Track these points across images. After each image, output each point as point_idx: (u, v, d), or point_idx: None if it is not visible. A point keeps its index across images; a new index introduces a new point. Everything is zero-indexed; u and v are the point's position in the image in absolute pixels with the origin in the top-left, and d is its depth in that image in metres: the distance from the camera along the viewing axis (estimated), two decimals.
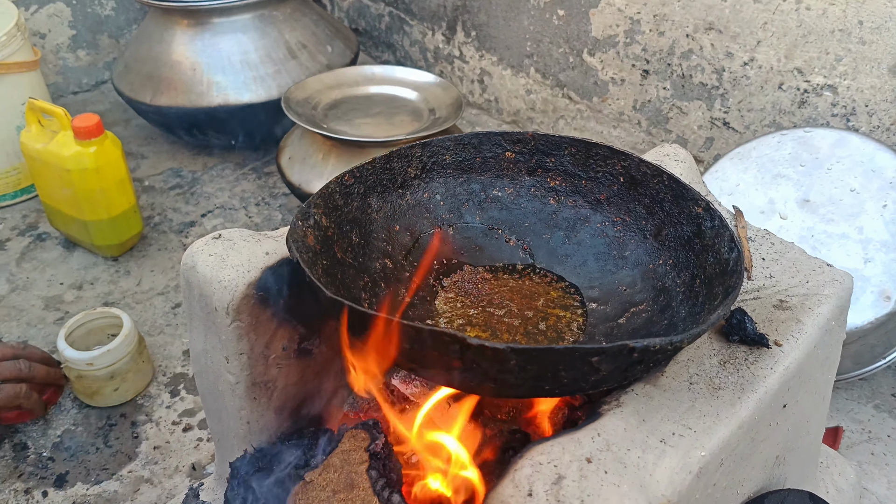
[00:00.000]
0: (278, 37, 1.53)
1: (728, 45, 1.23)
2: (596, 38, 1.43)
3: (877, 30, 1.05)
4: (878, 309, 0.93)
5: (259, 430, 0.70)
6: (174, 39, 1.50)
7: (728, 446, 0.53)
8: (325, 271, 0.62)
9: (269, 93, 1.48)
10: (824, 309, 0.63)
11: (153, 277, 1.32)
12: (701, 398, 0.55)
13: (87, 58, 1.89)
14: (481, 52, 1.69)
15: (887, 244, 0.94)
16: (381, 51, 2.00)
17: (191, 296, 0.65)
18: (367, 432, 0.65)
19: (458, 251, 0.74)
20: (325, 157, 1.31)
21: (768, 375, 0.57)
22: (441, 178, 0.75)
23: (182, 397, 1.09)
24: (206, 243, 0.64)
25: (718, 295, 0.58)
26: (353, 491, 0.62)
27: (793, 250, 0.69)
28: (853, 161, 1.00)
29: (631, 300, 0.67)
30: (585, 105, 1.52)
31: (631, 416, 0.52)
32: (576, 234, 0.74)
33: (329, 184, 0.68)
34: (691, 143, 1.36)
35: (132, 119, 1.77)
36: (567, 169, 0.74)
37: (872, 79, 1.08)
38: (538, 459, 0.48)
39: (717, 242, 0.62)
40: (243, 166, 1.60)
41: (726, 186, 1.07)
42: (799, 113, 1.19)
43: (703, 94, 1.30)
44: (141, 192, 1.53)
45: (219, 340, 0.65)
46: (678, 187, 0.67)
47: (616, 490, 0.46)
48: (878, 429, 1.03)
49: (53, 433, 1.04)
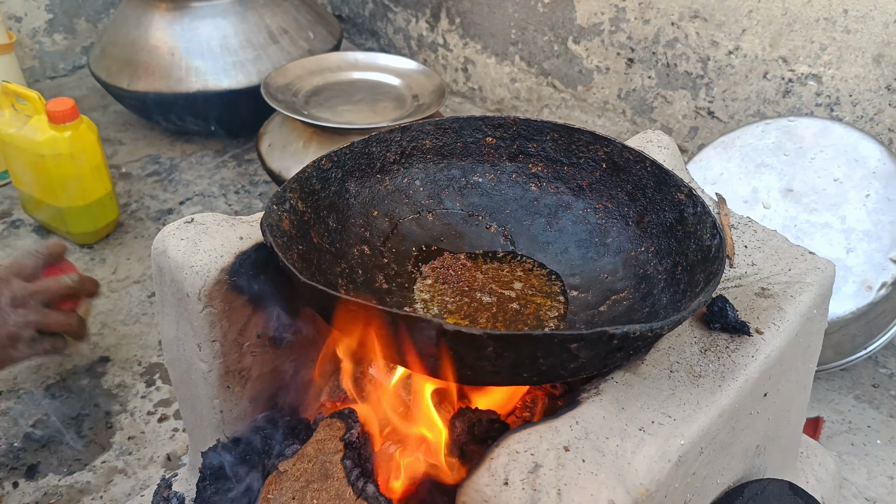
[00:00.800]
0: (259, 21, 1.51)
1: (713, 33, 1.22)
2: (581, 26, 1.41)
3: (861, 19, 1.05)
4: (860, 299, 0.92)
5: (233, 420, 0.69)
6: (152, 23, 1.47)
7: (708, 434, 0.52)
8: (301, 256, 0.60)
9: (250, 78, 1.46)
10: (806, 297, 0.62)
11: (129, 266, 1.29)
12: (681, 386, 0.54)
13: (64, 42, 1.85)
14: (465, 39, 1.67)
15: (870, 234, 0.94)
16: (365, 38, 1.97)
17: (162, 281, 0.63)
18: (343, 421, 0.63)
19: (437, 237, 0.72)
20: (305, 144, 1.29)
21: (749, 363, 0.56)
22: (421, 163, 0.74)
23: (158, 387, 1.07)
24: (178, 227, 0.63)
25: (700, 282, 0.57)
26: (328, 481, 0.60)
27: (775, 238, 0.69)
28: (836, 150, 1.00)
29: (612, 288, 0.66)
30: (570, 94, 1.51)
31: (610, 404, 0.51)
32: (557, 221, 0.73)
33: (306, 168, 0.66)
34: (676, 133, 1.36)
35: (110, 105, 1.74)
36: (549, 155, 0.73)
37: (857, 68, 1.08)
38: (515, 448, 0.47)
39: (700, 229, 0.61)
40: (223, 153, 1.58)
41: (710, 175, 1.06)
42: (783, 102, 1.18)
43: (688, 83, 1.29)
44: (118, 178, 1.50)
45: (191, 327, 0.63)
46: (661, 173, 0.66)
47: (593, 479, 0.45)
48: (858, 419, 1.03)
49: (25, 423, 1.01)
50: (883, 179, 0.96)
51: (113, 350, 1.13)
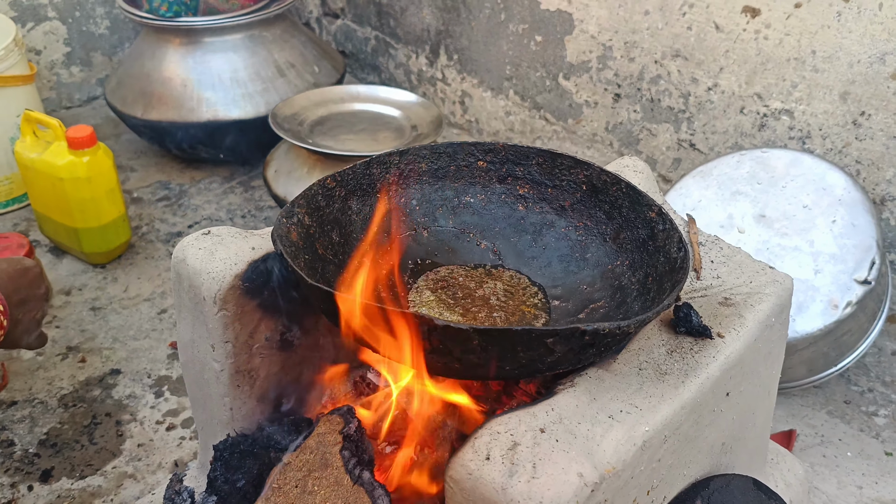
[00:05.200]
0: (267, 56, 1.59)
1: (693, 71, 1.30)
2: (571, 63, 1.50)
3: (828, 59, 1.13)
4: (827, 317, 0.99)
5: (242, 417, 0.74)
6: (166, 56, 1.56)
7: (671, 424, 0.58)
8: (307, 265, 0.67)
9: (258, 109, 1.54)
10: (765, 306, 0.69)
11: (140, 284, 1.35)
12: (648, 382, 0.60)
13: (81, 74, 1.94)
14: (463, 74, 1.76)
15: (835, 256, 1.01)
16: (367, 72, 2.07)
17: (180, 287, 0.70)
18: (342, 417, 0.69)
19: (432, 252, 0.79)
20: (309, 170, 1.36)
21: (710, 363, 0.63)
22: (417, 184, 0.81)
23: (166, 398, 1.13)
24: (196, 238, 0.69)
25: (667, 290, 0.63)
26: (327, 470, 0.66)
27: (739, 254, 0.75)
28: (806, 179, 1.07)
29: (590, 298, 0.73)
30: (561, 126, 1.59)
31: (583, 395, 0.57)
32: (542, 238, 0.79)
33: (312, 186, 0.73)
34: (660, 164, 1.43)
35: (122, 133, 1.82)
36: (534, 178, 0.80)
37: (825, 104, 1.16)
38: (496, 429, 0.53)
39: (668, 244, 0.68)
40: (230, 180, 1.65)
41: (689, 202, 1.13)
42: (759, 135, 1.26)
43: (671, 117, 1.37)
44: (130, 203, 1.58)
45: (206, 329, 0.69)
46: (634, 194, 0.73)
47: (565, 455, 0.51)
48: (830, 433, 1.08)
49: (40, 430, 1.07)
50: (848, 206, 1.03)
51: (124, 363, 1.18)
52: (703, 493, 0.66)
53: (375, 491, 0.62)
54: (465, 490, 0.51)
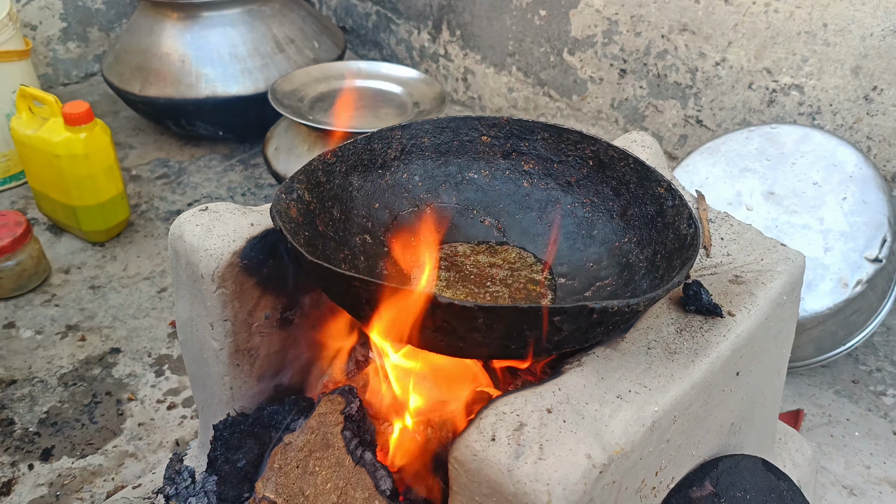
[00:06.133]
0: (266, 31, 1.56)
1: (701, 45, 1.28)
2: (575, 38, 1.47)
3: (840, 32, 1.10)
4: (837, 295, 0.97)
5: (242, 397, 0.73)
6: (164, 32, 1.53)
7: (681, 404, 0.57)
8: (307, 242, 0.65)
9: (257, 85, 1.51)
10: (776, 284, 0.67)
11: (139, 263, 1.34)
12: (657, 361, 0.59)
13: (78, 50, 1.91)
14: (465, 50, 1.73)
15: (846, 234, 0.99)
16: (368, 49, 2.03)
17: (178, 265, 0.68)
18: (343, 397, 0.68)
19: (435, 229, 0.77)
20: (310, 147, 1.34)
21: (721, 342, 0.61)
22: (420, 160, 0.79)
23: (167, 377, 1.12)
24: (194, 214, 0.68)
25: (677, 267, 0.61)
26: (329, 450, 0.65)
27: (750, 231, 0.74)
28: (816, 156, 1.05)
29: (597, 275, 0.71)
30: (565, 103, 1.56)
31: (591, 375, 0.56)
32: (547, 215, 0.77)
33: (312, 161, 0.71)
34: (666, 141, 1.41)
35: (121, 111, 1.79)
36: (540, 153, 0.78)
37: (836, 79, 1.13)
38: (502, 409, 0.51)
39: (677, 220, 0.66)
40: (230, 157, 1.63)
41: (696, 179, 1.11)
42: (768, 112, 1.23)
43: (678, 93, 1.35)
44: (128, 181, 1.56)
45: (204, 307, 0.68)
46: (643, 169, 0.71)
47: (573, 436, 0.49)
48: (837, 413, 1.07)
49: (39, 409, 1.06)
50: (859, 183, 1.01)
51: (124, 342, 1.17)
52: (711, 473, 0.65)
53: (377, 472, 0.61)
54: (470, 472, 0.50)
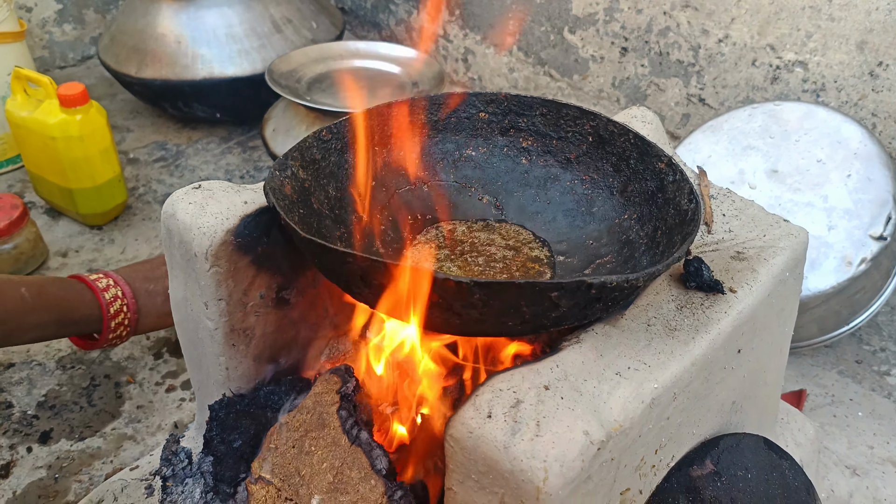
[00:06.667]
0: (263, 11, 1.54)
1: (703, 22, 1.26)
2: (576, 16, 1.45)
3: (845, 7, 1.08)
4: (840, 274, 0.96)
5: (238, 378, 0.72)
6: (160, 13, 1.52)
7: (681, 381, 0.56)
8: (302, 219, 0.64)
9: (254, 66, 1.50)
10: (779, 260, 0.66)
11: (137, 246, 1.33)
12: (657, 338, 0.58)
13: (74, 32, 1.89)
14: (465, 30, 1.71)
15: (850, 212, 0.97)
16: (367, 30, 2.01)
17: (171, 243, 0.67)
18: (339, 376, 0.67)
19: (431, 207, 0.76)
20: (308, 128, 1.32)
21: (722, 319, 0.60)
22: (416, 136, 0.77)
23: (165, 360, 1.11)
24: (187, 192, 0.67)
25: (677, 243, 0.60)
26: (324, 430, 0.64)
27: (752, 207, 0.72)
28: (820, 133, 1.04)
29: (597, 253, 0.70)
30: (566, 82, 1.54)
31: (589, 351, 0.55)
32: (546, 192, 0.76)
33: (307, 138, 0.70)
34: (668, 120, 1.39)
35: (118, 93, 1.78)
36: (538, 129, 0.77)
37: (841, 55, 1.11)
38: (498, 386, 0.51)
39: (678, 195, 0.65)
40: (228, 140, 1.62)
41: (699, 158, 1.10)
42: (771, 89, 1.22)
43: (680, 71, 1.33)
44: (126, 164, 1.54)
45: (198, 287, 0.67)
46: (643, 145, 0.70)
47: (570, 413, 0.49)
48: (840, 393, 1.06)
49: (38, 392, 1.05)
50: (864, 160, 0.99)
51: None
52: (712, 452, 0.64)
53: (373, 451, 0.61)
54: (466, 449, 0.49)
